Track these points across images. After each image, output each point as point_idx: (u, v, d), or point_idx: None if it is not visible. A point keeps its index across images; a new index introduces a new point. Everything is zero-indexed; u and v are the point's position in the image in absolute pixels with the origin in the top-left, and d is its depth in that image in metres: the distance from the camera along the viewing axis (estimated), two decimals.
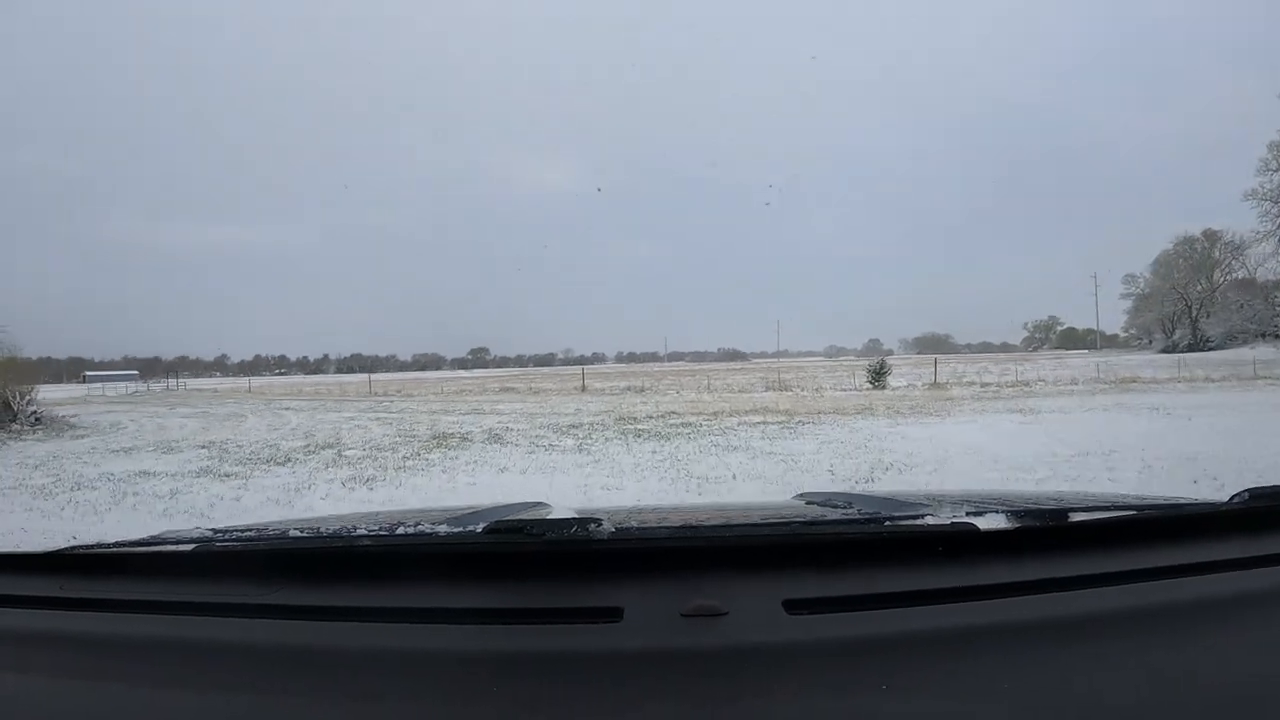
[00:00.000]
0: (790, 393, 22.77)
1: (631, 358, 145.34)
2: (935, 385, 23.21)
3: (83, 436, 14.15)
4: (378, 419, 16.27)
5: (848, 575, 0.76)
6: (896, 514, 0.85)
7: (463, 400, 24.55)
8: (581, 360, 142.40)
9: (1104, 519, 0.87)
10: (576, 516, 0.83)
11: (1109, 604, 0.71)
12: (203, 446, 11.23)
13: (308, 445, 10.95)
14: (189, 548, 0.87)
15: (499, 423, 14.26)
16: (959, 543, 0.79)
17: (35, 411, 16.13)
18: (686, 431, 11.29)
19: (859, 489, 5.67)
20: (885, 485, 6.32)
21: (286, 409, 21.96)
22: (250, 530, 0.95)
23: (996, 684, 0.60)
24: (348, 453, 9.84)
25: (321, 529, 0.91)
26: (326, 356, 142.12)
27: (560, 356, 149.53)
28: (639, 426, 12.37)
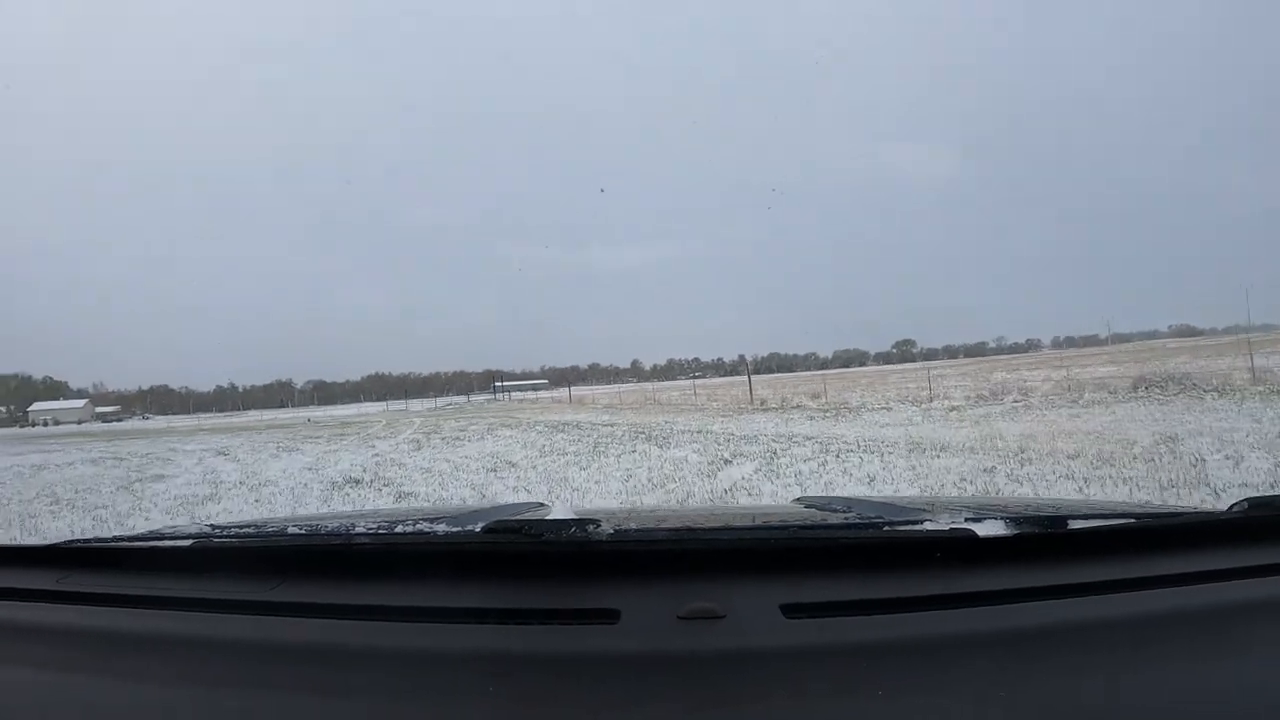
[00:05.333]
0: None
1: (1069, 342, 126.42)
2: None
3: None
4: None
5: (845, 580, 0.75)
6: (895, 519, 0.83)
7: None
8: (1015, 349, 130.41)
9: (1102, 527, 0.85)
10: (575, 517, 0.82)
11: (1107, 612, 0.70)
12: None
13: None
14: (187, 544, 0.87)
15: None
16: (957, 549, 0.78)
17: None
18: None
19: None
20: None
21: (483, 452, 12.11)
22: (249, 527, 0.96)
23: (993, 691, 0.59)
24: None
25: (320, 527, 0.92)
26: (742, 358, 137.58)
27: (992, 345, 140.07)
28: None
